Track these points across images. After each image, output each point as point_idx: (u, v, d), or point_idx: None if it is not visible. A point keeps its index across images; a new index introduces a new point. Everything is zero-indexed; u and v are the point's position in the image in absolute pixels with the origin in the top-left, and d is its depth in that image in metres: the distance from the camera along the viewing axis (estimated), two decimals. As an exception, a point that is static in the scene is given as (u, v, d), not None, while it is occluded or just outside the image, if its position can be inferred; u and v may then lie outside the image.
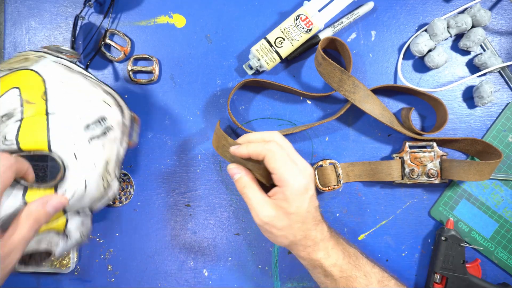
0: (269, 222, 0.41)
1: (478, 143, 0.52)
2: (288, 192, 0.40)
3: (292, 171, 0.41)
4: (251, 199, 0.42)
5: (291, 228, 0.42)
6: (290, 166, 0.41)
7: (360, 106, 0.52)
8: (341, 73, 0.50)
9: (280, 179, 0.40)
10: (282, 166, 0.40)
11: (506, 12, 0.56)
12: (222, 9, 0.56)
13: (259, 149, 0.41)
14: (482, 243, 0.55)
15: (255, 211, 0.42)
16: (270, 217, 0.41)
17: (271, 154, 0.40)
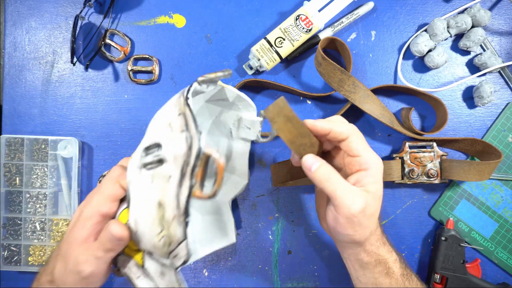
0: (363, 211, 0.36)
1: (478, 143, 0.52)
2: (375, 173, 0.37)
3: (373, 152, 0.38)
4: (339, 189, 0.36)
5: (376, 215, 0.38)
6: (370, 148, 0.38)
7: (360, 106, 0.52)
8: (341, 73, 0.50)
9: (366, 161, 0.37)
10: (366, 147, 0.38)
11: (506, 12, 0.56)
12: (222, 9, 0.56)
13: (344, 127, 0.37)
14: (482, 243, 0.55)
15: (346, 201, 0.36)
16: (364, 205, 0.36)
17: (356, 135, 0.38)
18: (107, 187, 0.38)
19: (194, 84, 0.36)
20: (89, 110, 0.56)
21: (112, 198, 0.38)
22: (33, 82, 0.56)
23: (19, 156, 0.55)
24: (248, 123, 0.48)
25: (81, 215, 0.38)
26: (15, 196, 0.55)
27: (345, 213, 0.36)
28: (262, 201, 0.56)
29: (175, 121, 0.34)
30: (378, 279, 0.40)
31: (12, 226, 0.55)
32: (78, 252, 0.36)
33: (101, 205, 0.37)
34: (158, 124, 0.36)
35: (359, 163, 0.37)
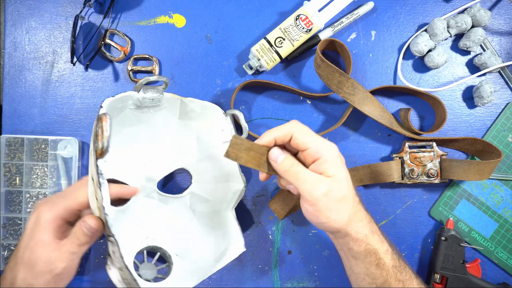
0: (328, 194, 0.37)
1: (478, 143, 0.52)
2: (330, 158, 0.38)
3: (322, 140, 0.39)
4: (303, 176, 0.38)
5: (347, 199, 0.39)
6: (319, 137, 0.39)
7: (359, 108, 0.52)
8: (340, 75, 0.50)
9: (317, 150, 0.38)
10: (313, 138, 0.39)
11: (506, 12, 0.56)
12: (222, 9, 0.56)
13: (285, 129, 0.39)
14: (482, 243, 0.55)
15: (311, 186, 0.37)
16: (328, 188, 0.37)
17: (299, 129, 0.39)
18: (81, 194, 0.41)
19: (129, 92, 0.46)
20: (89, 110, 0.56)
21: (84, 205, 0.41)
22: (33, 82, 0.56)
23: (19, 156, 0.55)
24: (219, 125, 0.52)
25: (40, 220, 0.40)
26: (15, 196, 0.55)
27: (309, 199, 0.38)
28: (262, 201, 0.56)
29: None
30: (370, 269, 0.41)
31: (12, 226, 0.55)
32: (48, 253, 0.39)
33: (67, 212, 0.41)
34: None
35: (310, 155, 0.39)
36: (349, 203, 0.39)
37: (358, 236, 0.39)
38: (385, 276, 0.40)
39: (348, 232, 0.39)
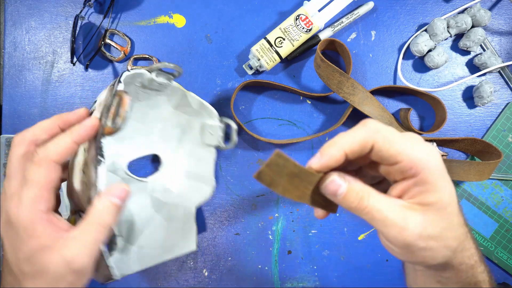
0: (424, 233, 0.26)
1: (478, 143, 0.52)
2: (433, 176, 0.26)
3: (419, 147, 0.26)
4: (383, 212, 0.26)
5: (452, 229, 0.27)
6: (412, 141, 0.27)
7: (359, 108, 0.52)
8: (340, 75, 0.50)
9: (411, 166, 0.26)
10: (406, 145, 0.26)
11: (506, 12, 0.56)
12: (222, 9, 0.56)
13: (361, 137, 0.26)
14: (482, 243, 0.55)
15: (400, 227, 0.26)
16: (424, 225, 0.26)
17: (383, 135, 0.26)
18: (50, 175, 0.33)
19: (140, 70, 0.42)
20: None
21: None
22: (33, 82, 0.56)
23: (19, 156, 0.55)
24: (210, 129, 0.52)
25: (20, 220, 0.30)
26: (15, 196, 0.55)
27: (397, 243, 0.27)
28: (262, 201, 0.56)
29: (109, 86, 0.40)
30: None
31: (12, 226, 0.55)
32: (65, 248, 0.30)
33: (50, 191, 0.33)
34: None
35: (400, 171, 0.27)
36: (454, 232, 0.27)
37: (461, 267, 0.29)
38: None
39: (450, 265, 0.29)
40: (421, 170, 0.26)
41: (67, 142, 0.33)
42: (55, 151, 0.33)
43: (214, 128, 0.52)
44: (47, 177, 0.32)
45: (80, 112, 0.36)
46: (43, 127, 0.34)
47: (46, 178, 0.32)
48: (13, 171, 0.32)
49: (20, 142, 0.33)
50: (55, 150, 0.33)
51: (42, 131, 0.34)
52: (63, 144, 0.33)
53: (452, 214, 0.27)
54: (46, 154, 0.32)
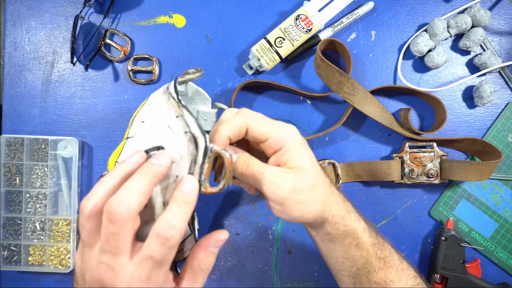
0: (295, 188, 0.33)
1: (478, 143, 0.52)
2: (292, 145, 0.34)
3: (280, 126, 0.35)
4: (262, 175, 0.33)
5: (317, 186, 0.35)
6: (276, 123, 0.35)
7: (359, 108, 0.52)
8: (340, 75, 0.50)
9: (277, 140, 0.34)
10: (271, 125, 0.34)
11: (506, 12, 0.56)
12: (222, 9, 0.56)
13: (238, 123, 0.33)
14: (482, 243, 0.55)
15: (275, 184, 0.33)
16: (293, 182, 0.33)
17: (254, 118, 0.34)
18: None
19: (176, 85, 0.36)
20: (89, 110, 0.56)
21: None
22: (33, 82, 0.56)
23: (19, 156, 0.55)
24: (204, 115, 0.52)
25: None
26: (15, 196, 0.55)
27: (275, 199, 0.34)
28: (262, 201, 0.56)
29: (175, 123, 0.34)
30: (349, 251, 0.38)
31: (12, 226, 0.55)
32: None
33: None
34: (155, 127, 0.36)
35: (271, 146, 0.34)
36: (320, 188, 0.35)
37: (335, 219, 0.37)
38: (366, 256, 0.38)
39: (324, 218, 0.36)
40: (284, 143, 0.34)
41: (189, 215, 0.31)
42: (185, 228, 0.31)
43: (209, 115, 0.52)
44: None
45: (169, 162, 0.32)
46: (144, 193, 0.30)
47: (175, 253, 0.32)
48: (119, 248, 0.29)
49: (128, 218, 0.29)
50: (185, 227, 0.30)
51: (145, 197, 0.31)
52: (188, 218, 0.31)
53: (315, 175, 0.35)
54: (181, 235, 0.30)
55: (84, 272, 0.32)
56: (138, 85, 0.57)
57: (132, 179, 0.30)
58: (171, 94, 0.36)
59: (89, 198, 0.30)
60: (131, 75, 0.56)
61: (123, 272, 0.29)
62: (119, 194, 0.29)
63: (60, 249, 0.55)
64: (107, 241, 0.29)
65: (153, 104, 0.38)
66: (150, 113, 0.38)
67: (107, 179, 0.31)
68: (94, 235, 0.31)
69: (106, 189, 0.30)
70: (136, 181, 0.30)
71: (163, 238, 0.28)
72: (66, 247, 0.55)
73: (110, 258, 0.29)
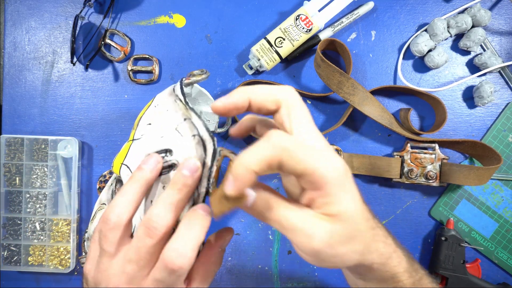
0: (331, 241, 0.27)
1: (478, 146, 0.52)
2: (334, 189, 0.27)
3: (322, 159, 0.26)
4: (293, 221, 0.27)
5: (357, 235, 0.28)
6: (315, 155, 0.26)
7: (359, 108, 0.52)
8: (340, 75, 0.50)
9: (315, 179, 0.26)
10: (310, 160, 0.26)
11: (506, 12, 0.56)
12: (222, 9, 0.56)
13: (267, 154, 0.25)
14: (482, 243, 0.55)
15: (307, 236, 0.26)
16: (329, 235, 0.26)
17: (288, 152, 0.25)
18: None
19: (183, 87, 0.36)
20: (89, 110, 0.56)
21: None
22: (33, 82, 0.56)
23: (19, 156, 0.55)
24: (207, 115, 0.52)
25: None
26: (15, 196, 0.55)
27: (307, 251, 0.27)
28: (262, 201, 0.56)
29: (182, 126, 0.33)
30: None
31: (12, 226, 0.55)
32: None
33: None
34: (162, 130, 0.35)
35: (305, 182, 0.27)
36: (360, 238, 0.28)
37: (373, 266, 0.31)
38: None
39: (361, 265, 0.30)
40: (324, 185, 0.26)
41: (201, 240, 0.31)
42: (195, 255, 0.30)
43: (212, 115, 0.52)
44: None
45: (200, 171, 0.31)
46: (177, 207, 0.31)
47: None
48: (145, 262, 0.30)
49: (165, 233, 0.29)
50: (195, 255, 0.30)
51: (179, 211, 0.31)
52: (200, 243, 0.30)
53: (356, 223, 0.28)
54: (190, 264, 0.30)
55: (99, 281, 0.31)
56: (138, 85, 0.56)
57: (167, 194, 0.30)
58: (178, 96, 0.35)
59: (113, 209, 0.30)
60: (131, 75, 0.56)
61: (145, 283, 0.30)
62: (155, 208, 0.30)
63: (60, 249, 0.55)
64: (139, 253, 0.29)
65: (159, 106, 0.38)
66: (157, 115, 0.38)
67: (128, 189, 0.31)
68: (117, 245, 0.31)
69: (129, 200, 0.31)
70: (170, 196, 0.30)
71: (170, 270, 0.29)
72: (66, 247, 0.55)
73: (136, 270, 0.30)
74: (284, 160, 0.25)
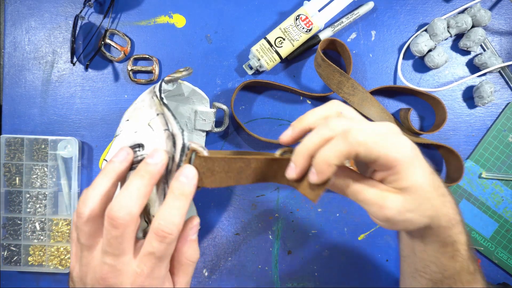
0: (402, 210, 0.30)
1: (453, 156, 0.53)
2: (404, 167, 0.30)
3: (393, 145, 0.30)
4: (365, 193, 0.31)
5: (427, 202, 0.31)
6: (387, 140, 0.30)
7: (359, 109, 0.52)
8: (340, 75, 0.50)
9: (387, 162, 0.30)
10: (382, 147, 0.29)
11: (506, 12, 0.56)
12: (222, 9, 0.56)
13: (346, 149, 0.29)
14: (482, 243, 0.55)
15: (379, 206, 0.31)
16: (401, 204, 0.30)
17: (365, 144, 0.29)
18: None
19: (162, 84, 0.37)
20: (89, 110, 0.56)
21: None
22: (33, 82, 0.56)
23: (19, 156, 0.55)
24: (203, 115, 0.52)
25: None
26: (15, 196, 0.55)
27: (379, 218, 0.31)
28: (262, 201, 0.56)
29: (155, 121, 0.35)
30: (441, 259, 0.35)
31: (12, 226, 0.55)
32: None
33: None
34: (137, 125, 0.36)
35: (376, 166, 0.31)
36: (430, 203, 0.32)
37: (439, 230, 0.33)
38: (458, 269, 0.36)
39: (428, 227, 0.33)
40: (394, 166, 0.30)
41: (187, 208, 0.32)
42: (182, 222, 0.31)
43: (207, 114, 0.52)
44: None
45: (165, 160, 0.32)
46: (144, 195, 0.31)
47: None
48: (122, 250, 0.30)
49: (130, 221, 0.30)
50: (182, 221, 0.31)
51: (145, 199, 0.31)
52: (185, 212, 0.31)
53: (425, 191, 0.31)
54: (178, 230, 0.30)
55: (84, 274, 0.32)
56: (138, 85, 0.56)
57: (131, 182, 0.31)
58: (155, 93, 0.36)
59: (85, 203, 0.31)
60: (131, 75, 0.56)
61: (127, 270, 0.30)
62: (119, 199, 0.30)
63: (60, 249, 0.55)
64: (110, 244, 0.30)
65: (138, 103, 0.39)
66: (135, 111, 0.38)
67: (99, 181, 0.32)
68: (94, 237, 0.31)
69: (100, 192, 0.31)
70: (134, 184, 0.31)
71: (161, 236, 0.29)
72: (66, 247, 0.55)
73: (113, 260, 0.30)
74: (361, 153, 0.29)
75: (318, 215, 0.56)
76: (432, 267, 0.37)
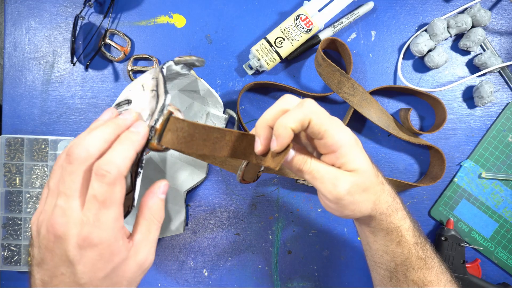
0: (351, 190, 0.34)
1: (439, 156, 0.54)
2: (349, 150, 0.34)
3: (338, 128, 0.33)
4: (320, 174, 0.34)
5: (371, 188, 0.35)
6: (334, 123, 0.34)
7: (358, 109, 0.52)
8: (340, 75, 0.50)
9: (333, 143, 0.33)
10: (330, 126, 0.33)
11: (506, 12, 0.56)
12: (222, 9, 0.56)
13: (301, 115, 0.32)
14: (482, 243, 0.55)
15: (332, 184, 0.33)
16: (350, 185, 0.34)
17: (317, 114, 0.33)
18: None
19: (171, 63, 0.39)
20: (89, 110, 0.56)
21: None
22: (33, 82, 0.56)
23: (19, 156, 0.55)
24: (214, 118, 0.53)
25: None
26: (15, 196, 0.55)
27: (330, 198, 0.34)
28: (262, 201, 0.56)
29: (147, 83, 0.37)
30: (389, 247, 0.39)
31: (12, 226, 0.55)
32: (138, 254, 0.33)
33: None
34: (132, 86, 0.38)
35: (326, 146, 0.34)
36: (373, 189, 0.36)
37: (381, 217, 0.37)
38: (406, 254, 0.39)
39: (372, 215, 0.37)
40: (340, 147, 0.33)
41: (131, 154, 0.31)
42: (125, 166, 0.30)
43: (218, 119, 0.53)
44: (123, 195, 0.31)
45: (134, 118, 0.33)
46: (105, 139, 0.31)
47: (122, 196, 0.31)
48: (74, 191, 0.30)
49: (85, 159, 0.30)
50: (124, 165, 0.30)
51: (105, 143, 0.31)
52: (129, 156, 0.31)
53: (370, 175, 0.35)
54: (119, 171, 0.30)
55: (40, 224, 0.32)
56: (138, 85, 0.56)
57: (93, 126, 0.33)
58: (159, 66, 0.39)
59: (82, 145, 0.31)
60: (131, 75, 0.56)
61: (75, 217, 0.30)
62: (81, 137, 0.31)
63: (60, 249, 0.55)
64: (64, 181, 0.30)
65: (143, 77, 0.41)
66: (137, 79, 0.41)
67: (104, 130, 0.32)
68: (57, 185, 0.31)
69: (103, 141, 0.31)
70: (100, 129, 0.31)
71: (100, 175, 0.29)
72: (66, 247, 0.55)
73: (65, 201, 0.30)
74: (313, 120, 0.32)
75: (318, 215, 0.56)
76: (385, 256, 0.40)
